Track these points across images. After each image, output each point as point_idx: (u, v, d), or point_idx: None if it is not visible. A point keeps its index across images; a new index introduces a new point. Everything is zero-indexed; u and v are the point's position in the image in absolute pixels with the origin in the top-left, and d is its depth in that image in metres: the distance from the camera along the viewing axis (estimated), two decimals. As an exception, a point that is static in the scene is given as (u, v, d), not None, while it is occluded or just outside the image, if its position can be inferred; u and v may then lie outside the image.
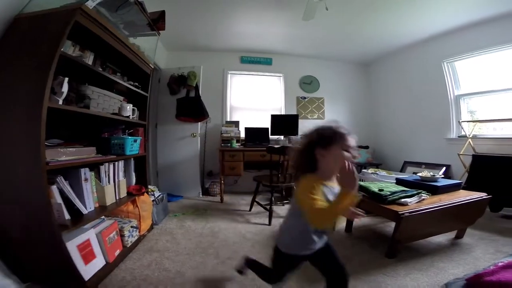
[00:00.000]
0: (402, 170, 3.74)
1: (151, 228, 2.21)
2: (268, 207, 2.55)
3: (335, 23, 3.11)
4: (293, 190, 1.02)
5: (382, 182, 2.33)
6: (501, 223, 2.38)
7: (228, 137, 3.52)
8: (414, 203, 1.72)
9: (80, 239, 1.33)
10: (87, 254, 1.35)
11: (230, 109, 4.16)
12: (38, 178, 1.10)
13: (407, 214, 1.55)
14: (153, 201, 2.31)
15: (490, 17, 2.78)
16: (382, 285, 1.41)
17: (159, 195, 2.54)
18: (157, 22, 2.27)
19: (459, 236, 2.01)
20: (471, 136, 2.98)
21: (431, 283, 1.41)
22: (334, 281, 1.04)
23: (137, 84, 2.15)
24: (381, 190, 1.84)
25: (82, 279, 1.24)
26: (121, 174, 1.87)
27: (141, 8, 1.99)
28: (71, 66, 1.39)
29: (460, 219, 1.89)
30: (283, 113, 4.26)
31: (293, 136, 3.77)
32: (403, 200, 1.71)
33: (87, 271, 1.31)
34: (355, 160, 0.93)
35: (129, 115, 1.95)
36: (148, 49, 2.26)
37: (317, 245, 1.00)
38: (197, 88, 3.53)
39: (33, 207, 1.15)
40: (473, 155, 2.87)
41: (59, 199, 1.25)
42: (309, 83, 4.40)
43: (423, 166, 3.42)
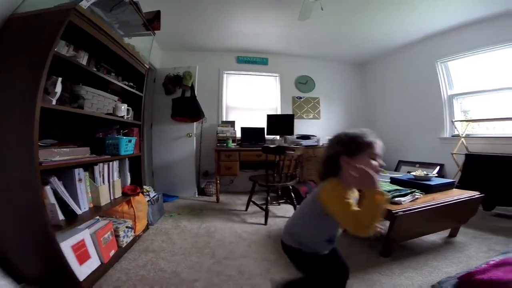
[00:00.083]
0: (396, 170, 3.78)
1: (146, 228, 2.21)
2: (264, 206, 2.56)
3: (330, 23, 3.13)
4: (313, 194, 0.97)
5: (377, 181, 2.35)
6: (494, 222, 2.41)
7: (224, 137, 3.52)
8: (408, 202, 1.74)
9: (75, 239, 1.33)
10: (82, 255, 1.35)
11: (226, 109, 4.17)
12: (31, 178, 1.10)
13: (401, 213, 1.57)
14: (148, 201, 2.31)
15: (483, 17, 2.82)
16: (377, 283, 1.43)
17: (154, 195, 2.53)
18: (152, 22, 2.27)
19: (452, 234, 2.03)
20: (464, 136, 3.03)
21: (425, 282, 1.42)
22: (339, 279, 1.06)
23: (131, 84, 2.15)
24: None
25: (77, 279, 1.24)
26: (115, 174, 1.87)
27: (136, 8, 1.98)
28: (65, 66, 1.39)
29: (453, 217, 1.91)
30: (279, 113, 4.28)
31: (289, 136, 3.79)
32: (397, 199, 1.72)
33: (82, 271, 1.31)
34: (382, 168, 0.91)
35: (124, 115, 1.95)
36: (143, 49, 2.26)
37: (335, 244, 1.03)
38: (192, 88, 3.53)
39: (26, 208, 1.15)
40: (466, 154, 2.91)
41: (52, 200, 1.25)
42: (304, 83, 4.43)
43: (417, 166, 3.46)
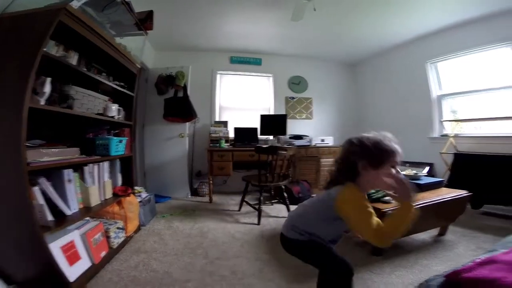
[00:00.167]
0: (387, 169, 3.84)
1: (138, 229, 2.21)
2: (257, 206, 2.57)
3: (323, 23, 3.16)
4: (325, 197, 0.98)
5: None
6: (482, 220, 2.47)
7: (216, 137, 3.53)
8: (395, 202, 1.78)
9: (64, 240, 1.32)
10: (72, 256, 1.34)
11: (219, 109, 4.17)
12: (19, 179, 1.10)
13: (390, 212, 1.59)
14: (140, 202, 2.30)
15: (472, 19, 2.88)
16: (368, 282, 1.46)
17: (146, 196, 2.53)
18: (144, 22, 2.27)
19: (442, 233, 2.08)
20: (452, 135, 3.10)
21: (416, 280, 1.44)
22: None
23: (123, 84, 2.14)
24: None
25: (67, 280, 1.24)
26: (106, 175, 1.86)
27: (128, 8, 1.98)
28: (54, 66, 1.38)
29: (442, 216, 1.95)
30: (272, 113, 4.31)
31: (282, 136, 3.82)
32: (386, 198, 1.75)
33: (72, 272, 1.31)
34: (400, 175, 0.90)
35: (115, 115, 1.94)
36: (135, 48, 2.25)
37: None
38: (185, 88, 3.53)
39: (14, 208, 1.14)
40: (454, 153, 2.97)
41: (41, 200, 1.24)
42: (297, 83, 4.47)
43: (407, 165, 3.52)
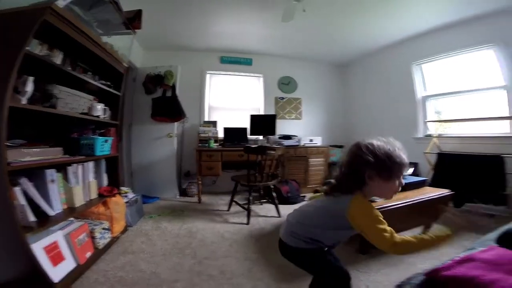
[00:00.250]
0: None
1: (125, 230, 2.20)
2: (246, 206, 2.60)
3: (313, 25, 3.20)
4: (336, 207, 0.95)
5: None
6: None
7: (205, 137, 3.54)
8: (382, 200, 1.83)
9: (47, 240, 1.32)
10: (55, 256, 1.34)
11: (208, 109, 4.18)
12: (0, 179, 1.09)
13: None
14: (126, 202, 2.30)
15: (455, 21, 2.97)
16: (355, 280, 1.47)
17: (133, 197, 2.52)
18: (133, 21, 2.26)
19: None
20: (436, 135, 3.22)
21: (401, 278, 1.46)
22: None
23: (109, 83, 2.13)
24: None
25: (51, 281, 1.24)
26: (91, 175, 1.85)
27: (116, 7, 1.97)
28: (38, 65, 1.38)
29: (425, 214, 1.98)
30: (262, 113, 4.34)
31: (271, 136, 3.86)
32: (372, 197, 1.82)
33: (56, 273, 1.31)
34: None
35: (100, 115, 1.93)
36: (123, 48, 2.25)
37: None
38: (173, 87, 3.52)
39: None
40: (438, 153, 3.06)
41: (22, 201, 1.23)
42: (287, 83, 4.52)
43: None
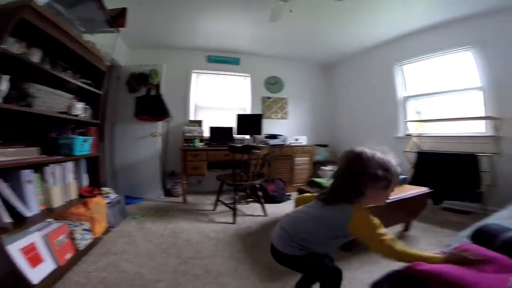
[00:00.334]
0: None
1: (107, 231, 2.19)
2: (232, 206, 2.62)
3: (300, 25, 3.26)
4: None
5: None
6: (442, 215, 2.71)
7: (191, 137, 3.54)
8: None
9: (24, 242, 1.31)
10: (33, 258, 1.33)
11: (194, 108, 4.18)
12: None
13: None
14: (108, 203, 2.28)
15: (435, 24, 3.10)
16: None
17: (115, 197, 2.50)
18: (117, 19, 2.25)
19: (406, 228, 2.22)
20: (416, 135, 3.37)
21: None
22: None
23: (90, 82, 2.11)
24: (331, 186, 2.02)
25: (29, 283, 1.23)
26: (70, 175, 1.84)
27: (99, 5, 1.96)
28: (15, 63, 1.36)
29: (405, 212, 2.09)
30: (248, 112, 4.38)
31: (257, 136, 3.92)
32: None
33: (35, 274, 1.30)
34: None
35: (79, 114, 1.92)
36: (106, 46, 2.24)
37: None
38: (158, 86, 3.50)
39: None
40: (417, 152, 3.21)
41: (-3, 202, 1.22)
42: (274, 83, 4.60)
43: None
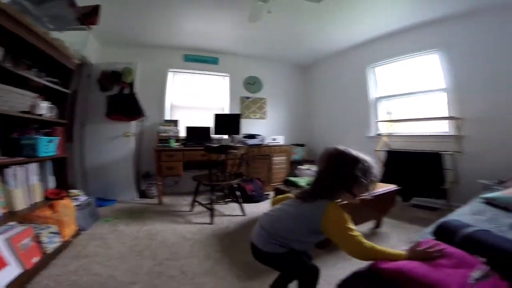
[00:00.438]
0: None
1: (77, 234, 2.15)
2: (209, 206, 2.65)
3: (278, 26, 3.34)
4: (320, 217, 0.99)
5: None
6: (411, 212, 2.88)
7: (166, 137, 3.53)
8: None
9: (-16, 246, 1.28)
10: (-4, 262, 1.30)
11: (170, 107, 4.15)
12: None
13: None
14: (77, 205, 2.25)
15: (405, 27, 3.28)
16: None
17: (85, 200, 2.45)
18: (89, 16, 2.20)
19: (378, 225, 2.34)
20: (386, 134, 3.59)
21: None
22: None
23: (57, 80, 2.06)
24: (308, 184, 2.09)
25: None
26: (34, 177, 1.80)
27: (69, 2, 1.93)
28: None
29: (376, 209, 2.20)
30: (227, 112, 4.43)
31: (236, 135, 3.97)
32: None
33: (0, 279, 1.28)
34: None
35: (44, 113, 1.88)
36: (77, 43, 2.21)
37: None
38: (132, 85, 3.45)
39: None
40: (387, 151, 3.41)
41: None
42: (252, 83, 4.68)
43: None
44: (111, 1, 2.56)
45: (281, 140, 4.19)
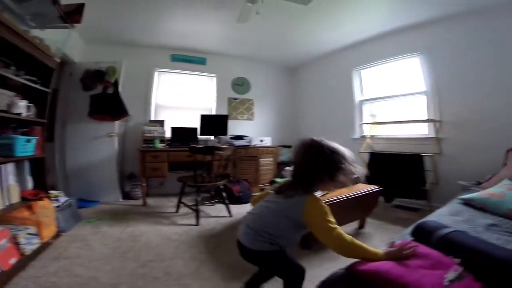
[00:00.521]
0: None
1: (57, 235, 2.12)
2: (195, 207, 2.65)
3: (267, 27, 3.37)
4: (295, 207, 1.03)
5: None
6: (394, 213, 2.95)
7: (151, 137, 3.51)
8: (319, 196, 2.07)
9: (-41, 247, 1.25)
10: (-30, 264, 1.28)
11: (155, 107, 4.13)
12: None
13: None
14: (57, 207, 2.22)
15: (389, 31, 3.37)
16: None
17: (65, 201, 2.42)
18: (73, 14, 2.18)
19: (361, 226, 2.39)
20: (369, 136, 3.70)
21: None
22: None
23: (36, 79, 2.04)
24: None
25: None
26: (10, 177, 1.78)
27: (53, 0, 1.90)
28: None
29: (359, 209, 2.26)
30: (214, 113, 4.44)
31: (222, 136, 3.99)
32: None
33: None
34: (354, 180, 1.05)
35: (22, 113, 1.85)
36: (59, 41, 2.19)
37: None
38: (116, 84, 3.42)
39: None
40: (370, 152, 3.51)
41: None
42: (240, 84, 4.72)
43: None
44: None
45: (268, 142, 4.25)
